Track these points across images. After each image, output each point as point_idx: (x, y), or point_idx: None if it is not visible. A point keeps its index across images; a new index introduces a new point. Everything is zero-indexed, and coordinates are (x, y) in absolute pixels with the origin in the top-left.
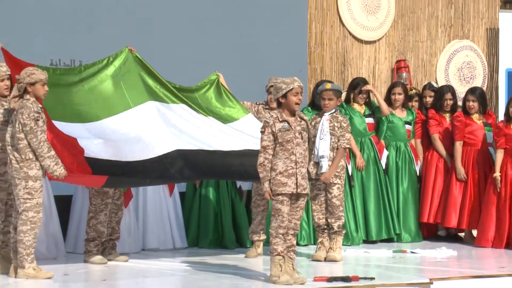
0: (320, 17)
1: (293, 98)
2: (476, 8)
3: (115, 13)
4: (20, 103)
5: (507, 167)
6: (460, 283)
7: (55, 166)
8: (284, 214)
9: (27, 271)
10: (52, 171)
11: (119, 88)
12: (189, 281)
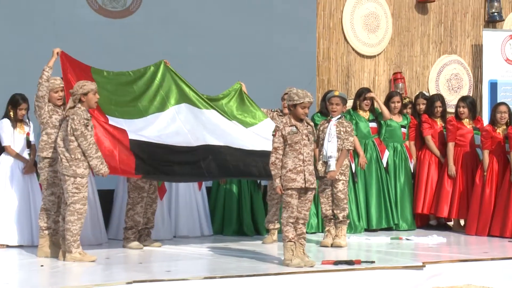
0: (327, 35)
1: (301, 111)
2: (463, 27)
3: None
4: (72, 110)
5: (492, 165)
6: (449, 266)
7: (101, 165)
8: (294, 206)
9: (74, 255)
10: (98, 169)
11: (158, 92)
12: (214, 264)
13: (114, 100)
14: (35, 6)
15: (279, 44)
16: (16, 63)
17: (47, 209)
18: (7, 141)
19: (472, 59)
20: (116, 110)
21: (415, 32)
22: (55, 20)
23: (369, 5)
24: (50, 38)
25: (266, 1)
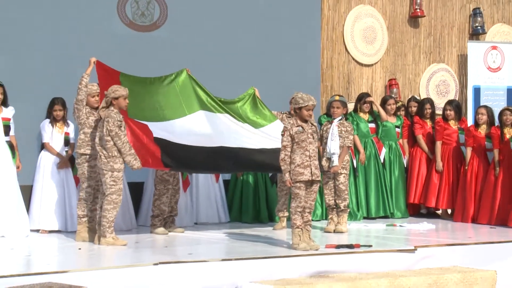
0: (330, 46)
1: (305, 113)
2: (450, 39)
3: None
4: (106, 113)
5: (474, 161)
6: (438, 249)
7: (134, 161)
8: (301, 197)
9: (108, 239)
10: (132, 164)
11: (178, 99)
12: (231, 248)
13: (138, 103)
14: (75, 22)
15: (288, 54)
16: (59, 71)
17: (84, 199)
18: (46, 139)
19: (458, 67)
20: (139, 113)
21: (407, 43)
22: (92, 33)
23: (367, 20)
24: (87, 50)
25: (277, 18)
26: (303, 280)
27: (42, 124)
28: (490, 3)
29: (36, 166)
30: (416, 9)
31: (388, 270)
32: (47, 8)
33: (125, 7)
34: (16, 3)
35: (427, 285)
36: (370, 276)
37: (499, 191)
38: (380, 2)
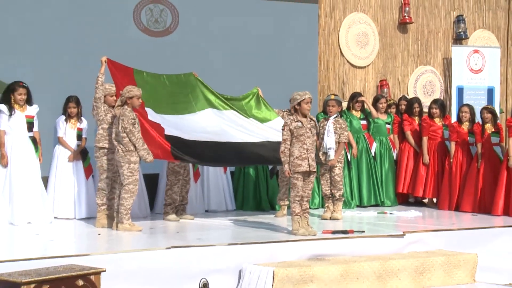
0: (327, 50)
1: (305, 106)
2: (435, 44)
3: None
4: (121, 111)
5: (458, 154)
6: (424, 234)
7: (147, 155)
8: (299, 187)
9: (125, 225)
10: (144, 158)
11: (188, 97)
12: (236, 233)
13: (152, 97)
14: (94, 27)
15: (288, 57)
16: (78, 73)
17: (103, 189)
18: (60, 134)
19: (443, 69)
20: (153, 105)
21: (397, 47)
22: (110, 38)
23: (360, 26)
24: (105, 53)
25: (278, 24)
26: (302, 262)
27: (58, 120)
28: (472, 10)
29: (51, 158)
30: (404, 16)
31: (379, 253)
32: (67, 14)
33: (140, 14)
34: (39, 11)
35: (414, 267)
36: (363, 259)
37: (481, 181)
38: (372, 10)
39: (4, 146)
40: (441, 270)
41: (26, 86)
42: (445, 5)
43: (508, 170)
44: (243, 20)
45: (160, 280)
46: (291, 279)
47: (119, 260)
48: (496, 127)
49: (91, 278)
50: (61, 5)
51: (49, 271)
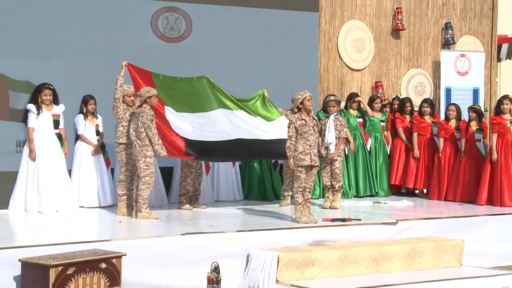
0: (327, 54)
1: (307, 103)
2: (426, 48)
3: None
4: (140, 109)
5: (446, 149)
6: (416, 222)
7: (161, 150)
8: (302, 179)
9: (143, 214)
10: (159, 153)
11: (200, 97)
12: (244, 220)
13: (170, 97)
14: (115, 34)
15: (291, 61)
16: (99, 76)
17: (123, 181)
18: (81, 131)
19: (432, 71)
20: (172, 104)
21: (390, 52)
22: (129, 44)
23: (357, 32)
24: (125, 58)
25: (282, 31)
26: (304, 247)
27: (76, 118)
28: (459, 18)
29: (73, 154)
30: (397, 23)
31: (374, 239)
32: (91, 22)
33: (157, 22)
34: (66, 20)
35: (406, 252)
36: (359, 244)
37: (464, 174)
38: (368, 18)
39: (33, 142)
40: (431, 254)
41: (51, 87)
42: (434, 13)
43: (492, 164)
44: (250, 27)
45: (175, 264)
46: (294, 262)
47: (138, 245)
48: (480, 125)
49: (113, 261)
50: (85, 14)
51: (75, 255)
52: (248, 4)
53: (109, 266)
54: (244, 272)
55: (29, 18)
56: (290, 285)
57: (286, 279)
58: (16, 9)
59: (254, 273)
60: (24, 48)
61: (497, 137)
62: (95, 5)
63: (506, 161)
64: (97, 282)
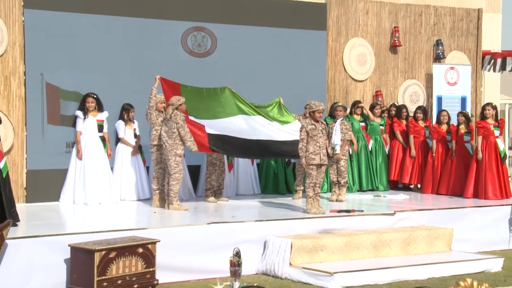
0: (333, 67)
1: (317, 115)
2: (420, 62)
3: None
4: (174, 113)
5: (438, 149)
6: (411, 213)
7: (193, 145)
8: (313, 175)
9: (174, 206)
10: (191, 148)
11: (222, 105)
12: (261, 211)
13: (194, 107)
14: (150, 50)
15: (303, 73)
16: (136, 87)
17: (157, 177)
18: (121, 134)
19: (425, 82)
20: (195, 114)
21: (389, 65)
22: (162, 59)
23: (360, 48)
24: (159, 71)
25: (295, 47)
26: (314, 235)
27: (117, 123)
28: (448, 36)
29: (115, 154)
30: (395, 40)
31: (375, 228)
32: (130, 40)
33: (186, 40)
34: (109, 38)
35: (403, 239)
36: (362, 232)
37: (455, 170)
38: (369, 36)
39: (80, 143)
40: (424, 241)
41: (94, 96)
42: (427, 31)
43: (477, 162)
44: (267, 44)
45: (201, 249)
46: (305, 248)
47: (170, 233)
48: (468, 128)
49: (149, 247)
50: (125, 34)
51: (116, 241)
52: (265, 24)
53: (145, 251)
54: (261, 256)
55: (78, 39)
56: (302, 267)
57: (298, 262)
58: (67, 32)
59: (270, 257)
60: (73, 64)
61: (482, 139)
62: (133, 26)
63: (489, 160)
64: (135, 265)
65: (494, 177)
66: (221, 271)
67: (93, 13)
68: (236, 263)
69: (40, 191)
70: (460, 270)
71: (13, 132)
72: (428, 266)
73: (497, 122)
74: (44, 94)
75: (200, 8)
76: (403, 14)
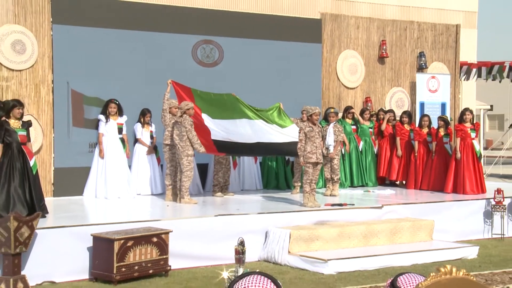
0: (328, 76)
1: (314, 117)
2: (404, 72)
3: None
4: (182, 118)
5: (420, 150)
6: (397, 206)
7: (200, 147)
8: (310, 172)
9: (185, 200)
10: (198, 150)
11: (228, 108)
12: (263, 205)
13: (206, 107)
14: (163, 60)
15: (301, 81)
16: (151, 93)
17: (169, 174)
18: (138, 135)
19: (410, 89)
20: (208, 112)
21: (377, 74)
22: (174, 68)
23: (351, 59)
24: (171, 79)
25: (294, 58)
26: (310, 226)
27: (135, 126)
28: (430, 48)
29: (132, 153)
30: (382, 52)
31: (364, 220)
32: (147, 52)
33: (196, 51)
34: (128, 51)
35: (389, 229)
36: (353, 223)
37: (436, 168)
38: (360, 48)
39: (102, 144)
40: (408, 232)
41: (116, 102)
42: (411, 44)
43: (456, 161)
44: (269, 55)
45: (209, 238)
46: (302, 238)
47: (182, 224)
48: (447, 131)
49: (162, 236)
50: (141, 46)
51: (133, 231)
52: (267, 38)
53: (159, 240)
54: (263, 245)
55: (99, 51)
56: (299, 255)
57: (296, 250)
58: (90, 45)
59: (271, 246)
60: (95, 73)
61: (460, 141)
62: (149, 40)
63: (467, 159)
64: (150, 252)
65: (471, 174)
66: (226, 258)
67: (114, 28)
68: (241, 251)
69: (66, 187)
70: (440, 257)
71: (42, 134)
72: (411, 254)
73: (474, 126)
74: (70, 100)
75: (209, 24)
76: (390, 29)
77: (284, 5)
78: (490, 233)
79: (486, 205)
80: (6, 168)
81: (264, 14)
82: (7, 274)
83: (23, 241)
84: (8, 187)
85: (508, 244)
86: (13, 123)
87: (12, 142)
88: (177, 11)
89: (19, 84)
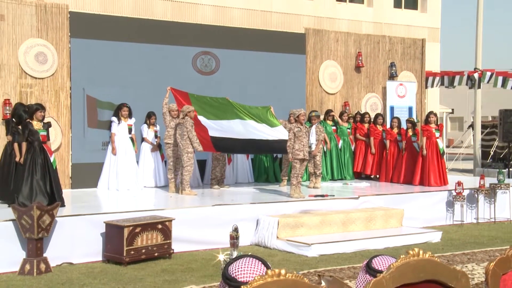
0: (311, 83)
1: (301, 118)
2: (378, 79)
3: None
4: (184, 120)
5: (391, 148)
6: (371, 197)
7: (198, 146)
8: (297, 168)
9: (186, 191)
10: (196, 148)
11: (222, 110)
12: (255, 195)
13: (202, 109)
14: (166, 69)
15: (287, 88)
16: (153, 98)
17: (171, 168)
18: (144, 135)
19: (382, 95)
20: (203, 114)
21: (354, 81)
22: (176, 76)
23: (331, 69)
24: (173, 86)
25: (281, 67)
26: (296, 215)
27: (142, 127)
28: (400, 59)
29: (139, 150)
30: (359, 62)
31: (343, 209)
32: (151, 62)
33: (196, 61)
34: (134, 61)
35: (365, 217)
36: (333, 212)
37: (405, 164)
38: (339, 59)
39: (114, 143)
40: (382, 219)
41: (128, 106)
42: (383, 56)
43: (422, 157)
44: (259, 65)
45: (208, 225)
46: (289, 224)
47: (183, 213)
48: (414, 131)
49: (166, 224)
50: (148, 56)
51: (140, 219)
52: (258, 49)
53: (164, 226)
54: (254, 231)
55: (111, 61)
56: (286, 240)
57: (283, 236)
58: (104, 56)
59: (261, 232)
60: (107, 81)
61: (426, 140)
62: (154, 51)
63: (432, 155)
64: (156, 238)
65: (435, 168)
66: (222, 243)
67: (124, 41)
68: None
69: (82, 180)
70: (409, 241)
71: (61, 133)
72: (384, 238)
73: (438, 126)
74: (85, 104)
75: (207, 37)
76: (365, 42)
77: (273, 21)
78: (452, 220)
79: (448, 196)
80: (29, 163)
81: (256, 29)
82: (31, 256)
83: (45, 228)
84: (31, 180)
85: (466, 229)
86: (35, 124)
87: (35, 140)
88: (179, 26)
89: (41, 91)
